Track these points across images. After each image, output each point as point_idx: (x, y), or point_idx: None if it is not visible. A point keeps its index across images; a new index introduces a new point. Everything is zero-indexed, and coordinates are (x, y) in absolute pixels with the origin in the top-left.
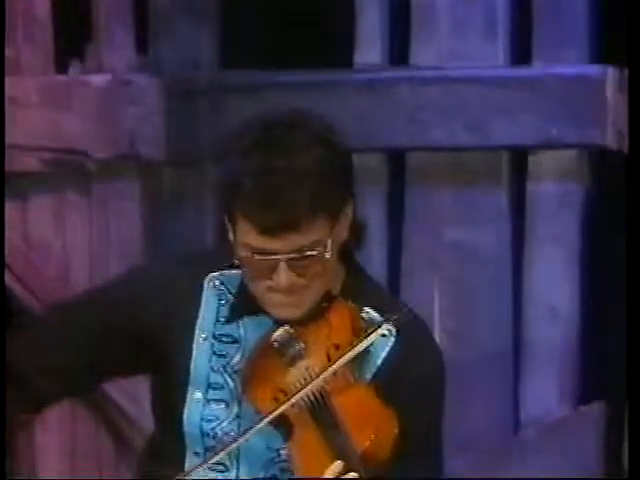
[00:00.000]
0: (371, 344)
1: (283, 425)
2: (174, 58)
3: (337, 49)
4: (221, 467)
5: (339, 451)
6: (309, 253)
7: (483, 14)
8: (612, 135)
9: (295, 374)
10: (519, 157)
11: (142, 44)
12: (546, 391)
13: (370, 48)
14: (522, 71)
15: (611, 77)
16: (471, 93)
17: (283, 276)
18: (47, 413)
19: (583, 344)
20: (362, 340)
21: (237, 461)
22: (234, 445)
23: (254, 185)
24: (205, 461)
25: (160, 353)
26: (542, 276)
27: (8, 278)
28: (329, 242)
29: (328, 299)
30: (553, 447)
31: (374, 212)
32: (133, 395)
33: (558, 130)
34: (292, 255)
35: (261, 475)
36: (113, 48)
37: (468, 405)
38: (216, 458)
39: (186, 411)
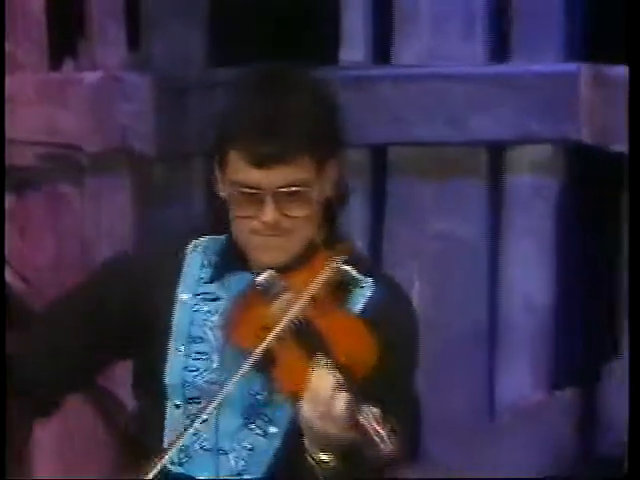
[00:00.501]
0: (349, 280)
1: (266, 366)
2: (165, 56)
3: (323, 47)
4: (202, 418)
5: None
6: (295, 189)
7: (463, 13)
8: (587, 130)
9: (277, 309)
10: (497, 151)
11: (134, 42)
12: (521, 377)
13: (355, 46)
14: (500, 68)
15: (585, 74)
16: (451, 90)
17: (269, 210)
18: None
19: (556, 331)
20: (337, 268)
21: (218, 411)
22: (223, 392)
23: (249, 117)
24: (199, 412)
25: (147, 323)
26: (518, 266)
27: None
28: (315, 185)
29: (311, 249)
30: (527, 431)
31: (358, 205)
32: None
33: (535, 126)
34: (279, 189)
35: (240, 421)
36: (106, 46)
37: (445, 390)
38: (209, 408)
39: (168, 365)
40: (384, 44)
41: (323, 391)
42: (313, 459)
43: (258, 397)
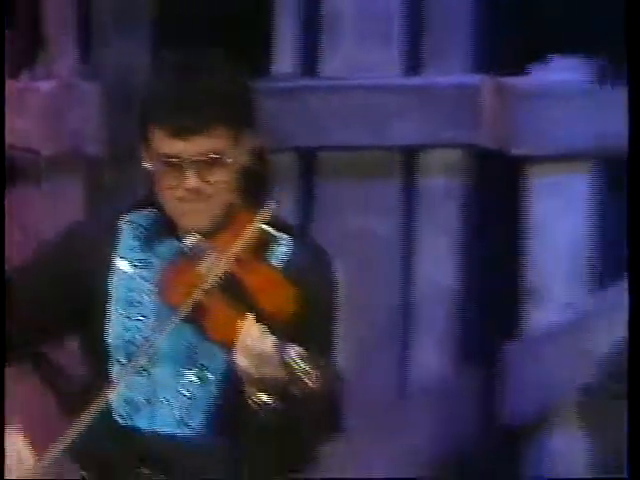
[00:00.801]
0: (269, 238)
1: (198, 319)
2: (113, 65)
3: (257, 60)
4: (142, 372)
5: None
6: (213, 156)
7: (381, 29)
8: (489, 136)
9: (205, 268)
10: (411, 155)
11: (85, 54)
12: (431, 357)
13: (285, 60)
14: (413, 80)
15: (487, 85)
16: (370, 99)
17: (190, 178)
18: None
19: (463, 315)
20: (257, 227)
21: (157, 362)
22: (155, 343)
23: (168, 94)
24: (130, 366)
25: (90, 290)
26: (429, 257)
27: None
28: (232, 153)
29: (233, 212)
30: (436, 409)
31: (287, 205)
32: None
33: (444, 132)
34: (199, 157)
35: (177, 371)
36: (60, 57)
37: (362, 371)
38: (140, 361)
39: (110, 326)
40: (312, 57)
41: (252, 337)
42: (255, 402)
43: (193, 348)
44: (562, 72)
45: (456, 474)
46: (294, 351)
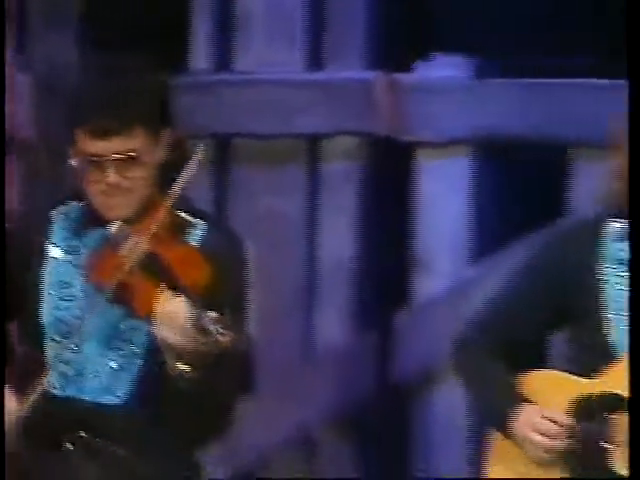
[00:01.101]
0: (184, 222)
1: (122, 296)
2: (44, 59)
3: (175, 57)
4: (73, 347)
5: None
6: (131, 154)
7: (287, 29)
8: (382, 125)
9: (127, 251)
10: (314, 143)
11: (21, 47)
12: (332, 325)
13: (201, 56)
14: (317, 75)
15: (379, 80)
16: (278, 93)
17: (111, 174)
18: None
19: (360, 287)
20: (174, 214)
21: (86, 339)
22: (85, 321)
23: (90, 95)
24: (63, 343)
25: (27, 275)
26: (331, 235)
27: None
28: (149, 150)
29: (152, 202)
30: (337, 372)
31: (203, 189)
32: None
33: (343, 122)
34: (118, 156)
35: (107, 347)
36: None
37: (271, 338)
38: (72, 338)
39: (44, 307)
40: (226, 54)
41: (171, 308)
42: (175, 371)
43: (119, 324)
44: (444, 69)
45: (353, 430)
46: (209, 317)
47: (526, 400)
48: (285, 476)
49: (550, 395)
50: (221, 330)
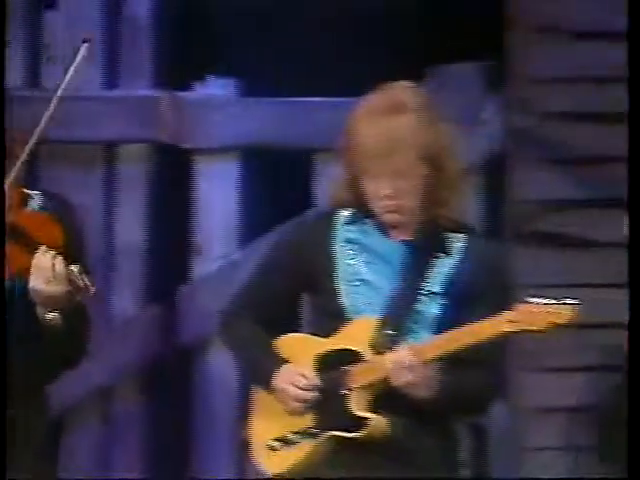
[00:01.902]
0: (28, 196)
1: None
2: None
3: None
4: None
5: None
6: None
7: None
8: (167, 134)
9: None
10: (111, 148)
11: None
12: (127, 297)
13: (15, 72)
14: (113, 92)
15: (165, 97)
16: (81, 106)
17: None
18: None
19: (150, 267)
20: (23, 193)
21: None
22: None
23: None
24: None
25: None
26: (126, 224)
27: None
28: None
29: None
30: (132, 338)
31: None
32: None
33: (136, 131)
34: None
35: None
36: None
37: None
38: None
39: None
40: (37, 73)
41: (40, 264)
42: (43, 320)
43: None
44: (217, 88)
45: (146, 386)
46: (73, 269)
47: (283, 360)
48: (84, 421)
49: (300, 354)
50: (85, 279)
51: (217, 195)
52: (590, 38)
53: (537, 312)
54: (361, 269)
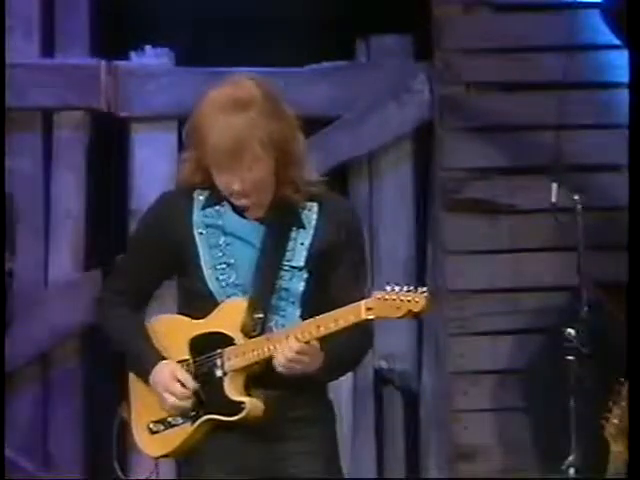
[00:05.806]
0: None
1: None
2: None
3: None
4: None
5: None
6: None
7: (25, 22)
8: (104, 102)
9: None
10: (49, 115)
11: None
12: (64, 260)
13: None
14: (49, 60)
15: (103, 66)
16: (20, 74)
17: None
18: None
19: (87, 230)
20: None
21: None
22: None
23: None
24: None
25: None
26: (63, 189)
27: None
28: None
29: None
30: (68, 300)
31: None
32: None
33: (72, 98)
34: None
35: None
36: None
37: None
38: None
39: None
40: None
41: None
42: None
43: None
44: (152, 58)
45: (81, 347)
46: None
47: (160, 356)
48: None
49: (175, 337)
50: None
51: (153, 162)
52: (511, 10)
53: (394, 300)
54: (223, 252)
